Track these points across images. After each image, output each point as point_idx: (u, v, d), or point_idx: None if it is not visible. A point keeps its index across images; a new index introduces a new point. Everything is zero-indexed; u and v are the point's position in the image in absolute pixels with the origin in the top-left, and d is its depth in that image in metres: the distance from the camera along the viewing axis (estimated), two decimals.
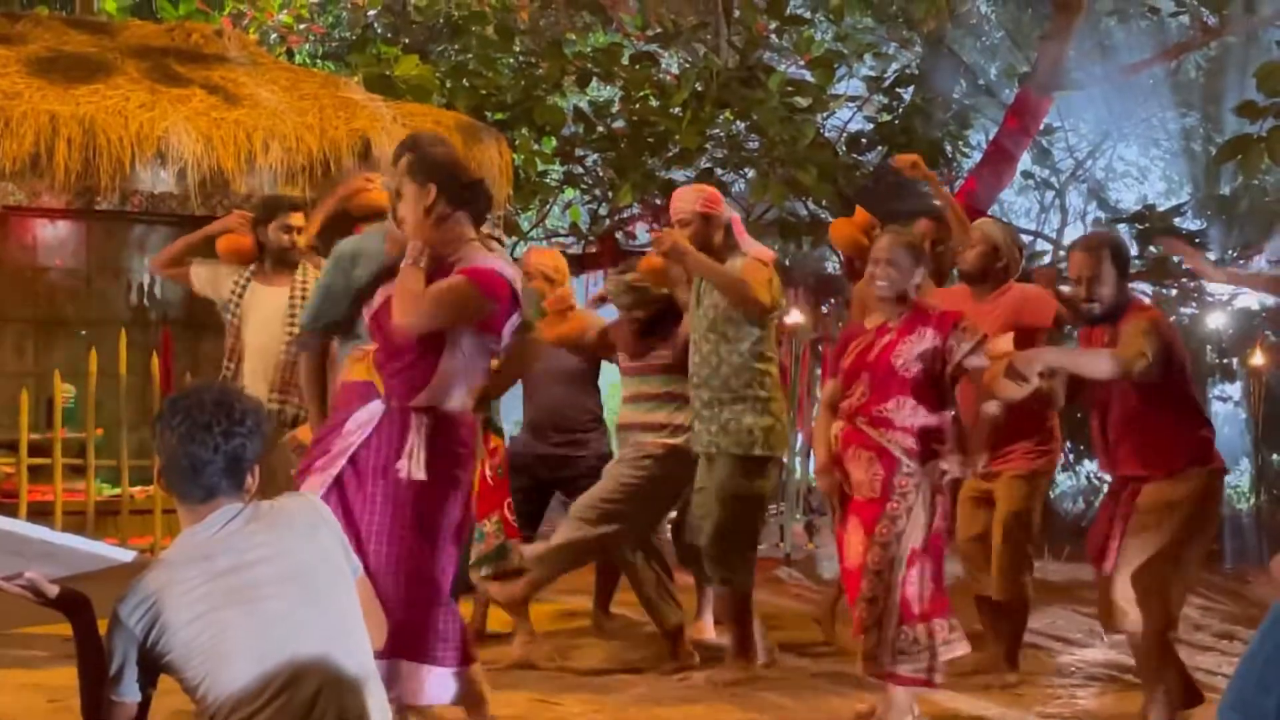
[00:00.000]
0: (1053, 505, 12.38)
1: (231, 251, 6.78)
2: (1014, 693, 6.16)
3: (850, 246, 6.68)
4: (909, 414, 5.39)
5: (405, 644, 4.51)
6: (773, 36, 12.31)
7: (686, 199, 6.27)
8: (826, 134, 12.27)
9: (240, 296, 6.68)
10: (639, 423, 6.60)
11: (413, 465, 4.55)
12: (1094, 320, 5.50)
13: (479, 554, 6.51)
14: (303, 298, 6.57)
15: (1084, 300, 5.47)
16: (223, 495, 3.16)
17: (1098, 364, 5.34)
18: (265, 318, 6.62)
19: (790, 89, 11.19)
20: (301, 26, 13.94)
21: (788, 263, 13.20)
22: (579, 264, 11.31)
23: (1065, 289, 6.54)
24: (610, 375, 7.31)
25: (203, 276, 6.84)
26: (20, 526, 2.94)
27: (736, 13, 12.40)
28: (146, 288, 10.00)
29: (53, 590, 3.08)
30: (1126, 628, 5.42)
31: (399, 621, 4.35)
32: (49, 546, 2.99)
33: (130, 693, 3.08)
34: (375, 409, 4.63)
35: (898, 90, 12.40)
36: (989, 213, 12.88)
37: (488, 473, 6.45)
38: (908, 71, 12.71)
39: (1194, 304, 12.48)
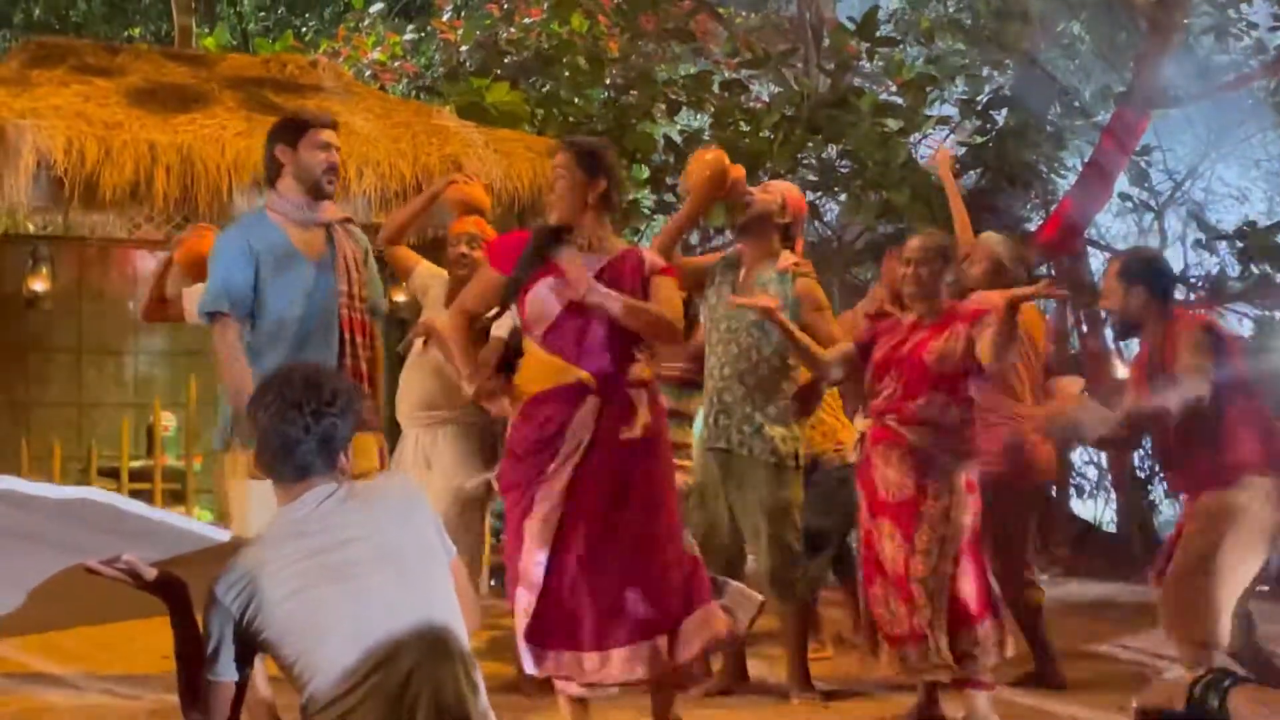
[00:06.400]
0: (1155, 530, 12.17)
1: (193, 262, 6.40)
2: (1123, 702, 6.04)
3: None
4: (939, 411, 5.34)
5: None
6: (863, 62, 12.26)
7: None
8: (921, 160, 12.19)
9: None
10: None
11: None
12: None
13: None
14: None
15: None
16: (316, 474, 3.16)
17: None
18: None
19: (882, 111, 11.14)
20: (395, 64, 14.13)
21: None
22: None
23: None
24: None
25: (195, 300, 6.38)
26: (119, 501, 2.92)
27: (825, 40, 12.38)
28: None
29: (151, 573, 3.07)
30: None
31: None
32: (146, 524, 2.98)
33: (227, 672, 3.08)
34: None
35: (991, 113, 12.30)
36: (1086, 234, 12.77)
37: None
38: (1001, 93, 12.61)
39: None
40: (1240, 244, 11.57)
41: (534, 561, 4.70)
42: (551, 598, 4.70)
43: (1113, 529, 12.60)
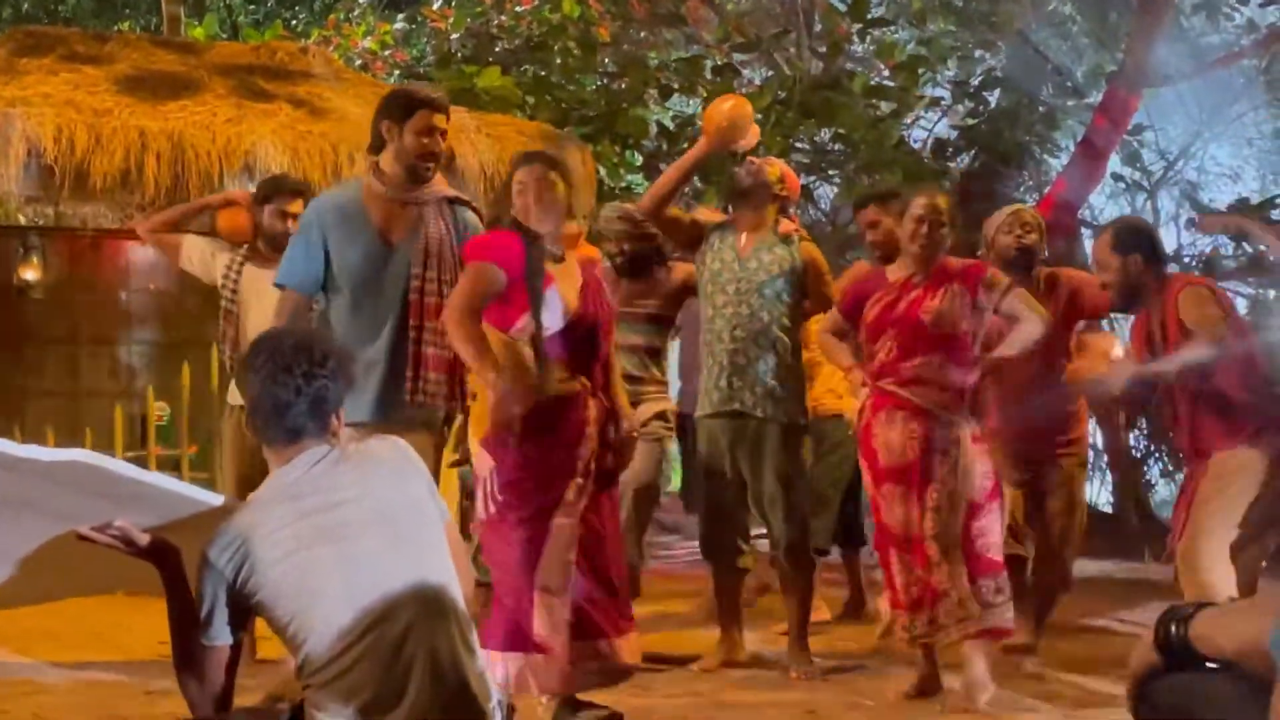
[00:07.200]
0: (1151, 508, 12.19)
1: (232, 229, 6.42)
2: (1120, 674, 6.02)
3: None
4: (938, 369, 5.33)
5: None
6: (855, 45, 12.24)
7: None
8: (914, 144, 12.19)
9: (236, 282, 6.21)
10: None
11: None
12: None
13: None
14: None
15: None
16: (308, 437, 3.13)
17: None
18: (269, 306, 5.82)
19: (874, 93, 11.13)
20: (386, 52, 14.11)
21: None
22: None
23: None
24: None
25: (196, 250, 6.42)
26: (111, 463, 2.90)
27: (817, 23, 12.36)
28: None
29: (144, 539, 3.03)
30: None
31: None
32: (139, 487, 2.95)
33: (221, 636, 3.05)
34: None
35: (983, 94, 12.29)
36: (1079, 215, 12.76)
37: None
38: (993, 74, 12.60)
39: None
40: None
41: (569, 562, 4.78)
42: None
43: (1109, 508, 12.62)
